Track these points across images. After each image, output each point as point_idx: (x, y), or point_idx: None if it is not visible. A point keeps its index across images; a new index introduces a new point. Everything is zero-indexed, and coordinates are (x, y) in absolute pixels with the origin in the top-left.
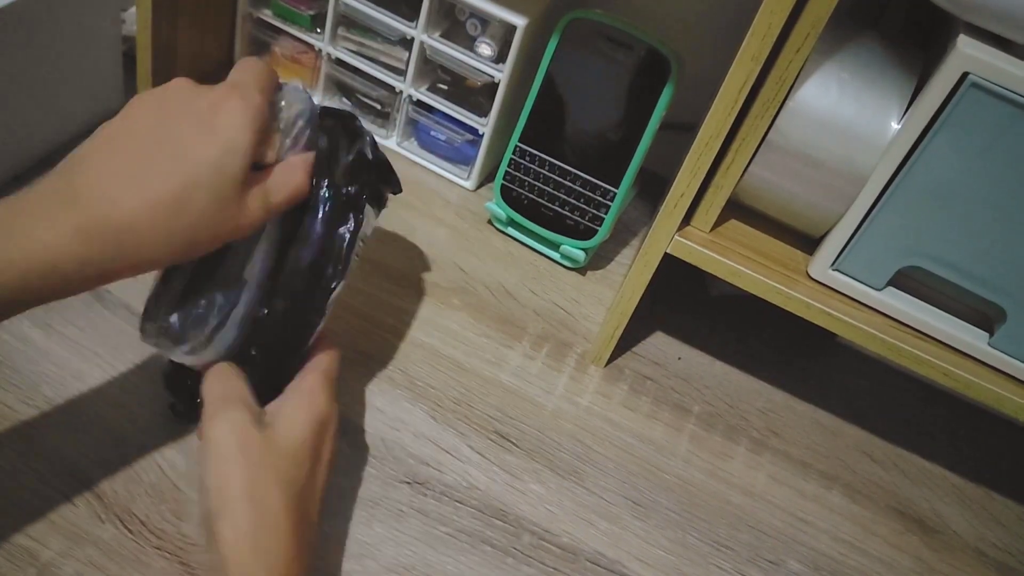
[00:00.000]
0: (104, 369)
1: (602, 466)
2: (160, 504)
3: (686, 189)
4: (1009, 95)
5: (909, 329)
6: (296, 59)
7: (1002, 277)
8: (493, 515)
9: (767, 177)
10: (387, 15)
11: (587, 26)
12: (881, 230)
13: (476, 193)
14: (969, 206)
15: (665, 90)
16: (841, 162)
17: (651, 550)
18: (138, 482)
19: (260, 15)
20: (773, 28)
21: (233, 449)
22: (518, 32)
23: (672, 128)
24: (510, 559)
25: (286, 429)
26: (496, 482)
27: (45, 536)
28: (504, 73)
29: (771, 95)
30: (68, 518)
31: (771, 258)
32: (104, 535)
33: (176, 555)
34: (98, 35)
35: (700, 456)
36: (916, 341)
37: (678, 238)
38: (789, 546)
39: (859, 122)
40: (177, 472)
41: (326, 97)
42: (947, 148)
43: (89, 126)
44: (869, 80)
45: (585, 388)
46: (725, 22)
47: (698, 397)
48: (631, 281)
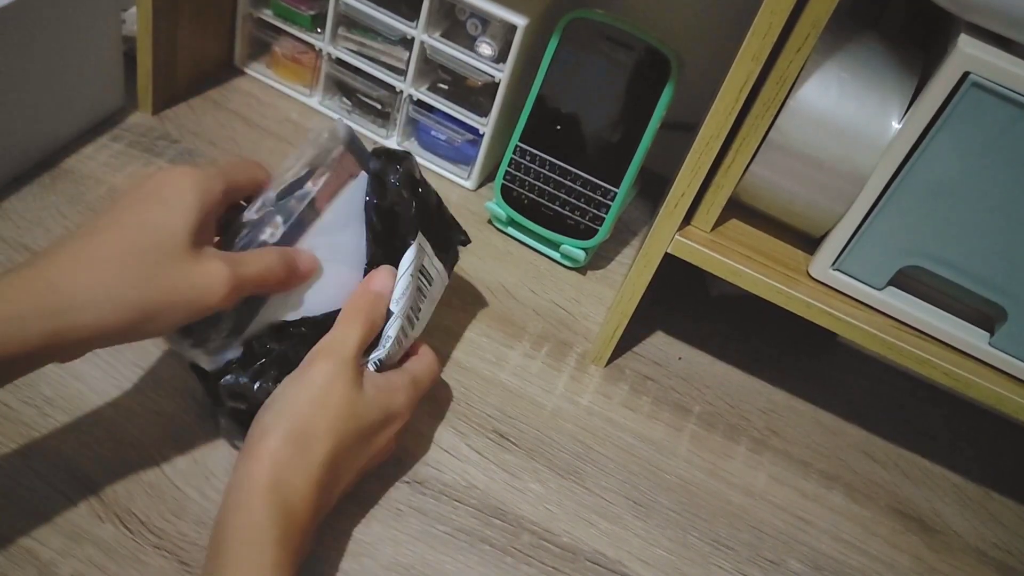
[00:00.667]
0: (103, 369)
1: (602, 466)
2: (159, 503)
3: (687, 189)
4: (1010, 95)
5: (910, 329)
6: (296, 59)
7: (1003, 276)
8: (492, 514)
9: (768, 177)
10: (387, 15)
11: (588, 26)
12: (882, 230)
13: (476, 193)
14: (970, 206)
15: (666, 90)
16: (842, 162)
17: (651, 550)
18: (137, 481)
19: (260, 15)
20: (774, 28)
21: (322, 386)
22: (518, 32)
23: (673, 128)
24: (509, 558)
25: (363, 405)
26: (495, 481)
27: (45, 535)
28: (504, 73)
29: (772, 95)
30: (68, 517)
31: (772, 258)
32: (103, 534)
33: (175, 554)
34: (98, 35)
35: (701, 456)
36: (917, 341)
37: (679, 238)
38: (789, 546)
39: (860, 122)
40: (176, 471)
41: (326, 97)
42: (948, 148)
43: (90, 126)
44: (870, 80)
45: (585, 388)
46: (725, 22)
47: (699, 397)
48: (631, 281)
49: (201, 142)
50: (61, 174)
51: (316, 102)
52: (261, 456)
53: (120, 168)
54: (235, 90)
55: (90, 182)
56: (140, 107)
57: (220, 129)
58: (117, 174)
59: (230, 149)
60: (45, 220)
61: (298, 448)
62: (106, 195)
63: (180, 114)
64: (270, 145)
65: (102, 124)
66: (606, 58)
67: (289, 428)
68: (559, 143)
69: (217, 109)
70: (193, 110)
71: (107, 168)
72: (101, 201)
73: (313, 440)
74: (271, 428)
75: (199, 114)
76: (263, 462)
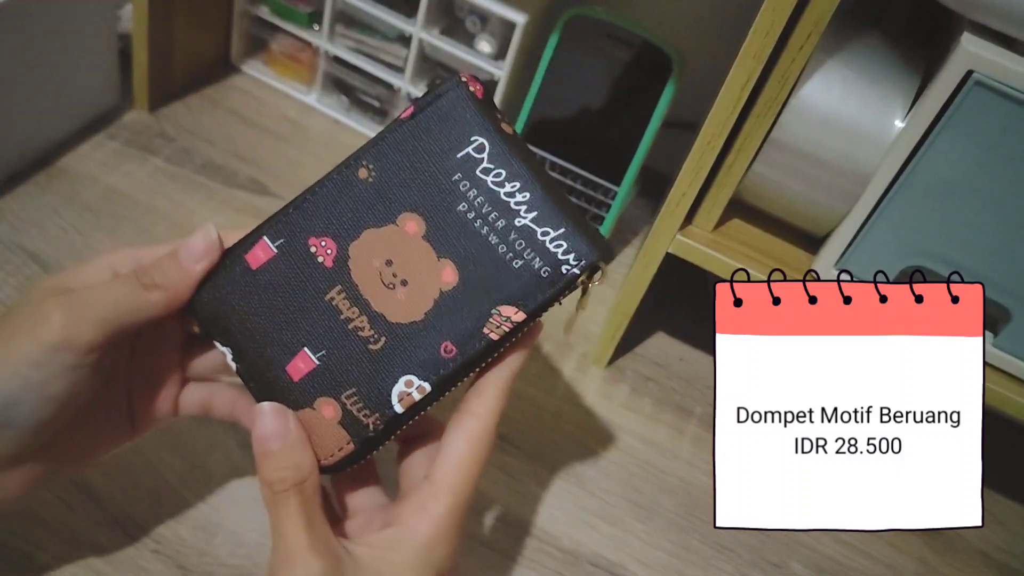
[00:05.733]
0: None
1: (603, 468)
2: (158, 508)
3: (688, 188)
4: (1014, 93)
5: None
6: (294, 57)
7: (1006, 277)
8: (493, 518)
9: (770, 176)
10: (386, 12)
11: (588, 23)
12: (885, 229)
13: None
14: (973, 205)
15: (666, 88)
16: (844, 160)
17: (653, 553)
18: (136, 486)
19: (257, 12)
20: (776, 26)
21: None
22: (518, 29)
23: (674, 126)
24: (511, 562)
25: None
26: (496, 484)
27: (43, 540)
28: (504, 71)
29: (774, 93)
30: (66, 522)
31: (774, 257)
32: (102, 539)
33: (174, 559)
34: (94, 32)
35: (702, 458)
36: None
37: (680, 237)
38: (792, 548)
39: (862, 120)
40: (175, 476)
41: (324, 95)
42: (951, 147)
43: (85, 125)
44: (872, 78)
45: (586, 389)
46: (727, 19)
47: (700, 398)
48: (632, 281)
49: (198, 140)
50: (57, 173)
51: (314, 100)
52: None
53: (116, 167)
54: (232, 88)
55: (86, 181)
56: (136, 105)
57: (217, 127)
58: (113, 173)
59: (227, 147)
60: (41, 219)
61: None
62: (102, 194)
63: (176, 112)
64: (268, 143)
65: (98, 122)
66: (606, 56)
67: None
68: (559, 142)
69: (214, 107)
70: (190, 108)
71: (103, 167)
72: (97, 200)
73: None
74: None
75: (196, 112)
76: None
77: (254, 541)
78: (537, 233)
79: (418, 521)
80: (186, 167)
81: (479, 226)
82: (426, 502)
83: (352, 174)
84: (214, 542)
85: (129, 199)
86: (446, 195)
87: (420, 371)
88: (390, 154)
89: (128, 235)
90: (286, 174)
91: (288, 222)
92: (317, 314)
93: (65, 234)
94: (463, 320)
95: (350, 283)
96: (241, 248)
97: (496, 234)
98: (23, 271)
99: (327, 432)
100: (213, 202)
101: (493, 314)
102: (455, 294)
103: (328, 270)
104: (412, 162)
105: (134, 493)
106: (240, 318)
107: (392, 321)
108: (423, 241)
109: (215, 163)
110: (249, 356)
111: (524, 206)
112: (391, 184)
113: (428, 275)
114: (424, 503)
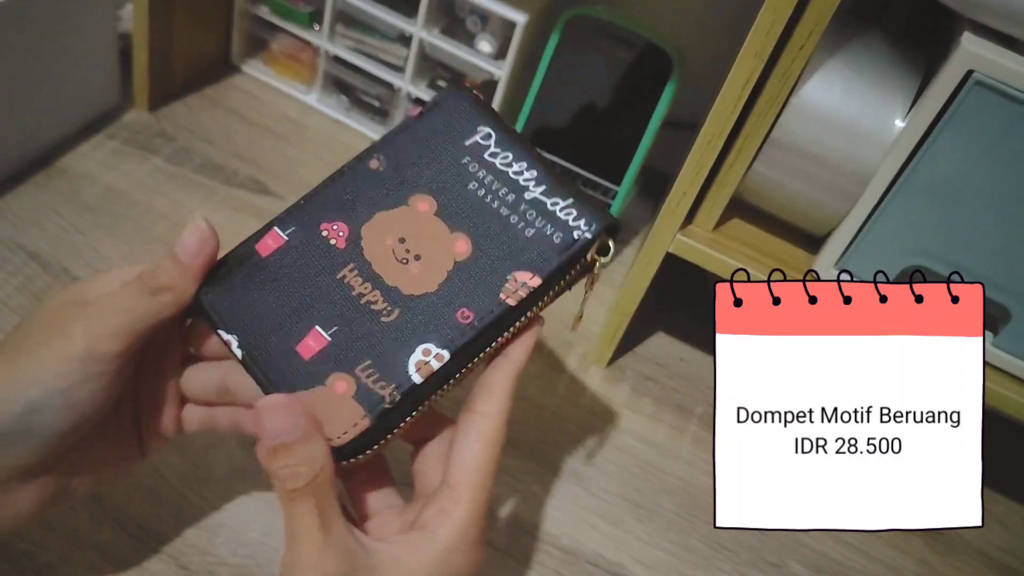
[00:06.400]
0: None
1: (603, 468)
2: (158, 507)
3: (688, 187)
4: (1014, 93)
5: None
6: (294, 56)
7: (1007, 276)
8: (493, 517)
9: (770, 175)
10: (386, 12)
11: (588, 22)
12: (885, 229)
13: None
14: (974, 205)
15: (667, 87)
16: (845, 160)
17: (653, 552)
18: (136, 485)
19: (257, 12)
20: (776, 25)
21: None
22: (518, 29)
23: (674, 126)
24: (511, 561)
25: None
26: (497, 484)
27: (44, 540)
28: (504, 70)
29: (774, 93)
30: (67, 522)
31: (775, 257)
32: (103, 538)
33: (175, 558)
34: (94, 32)
35: (702, 457)
36: None
37: (680, 237)
38: (791, 548)
39: (863, 120)
40: (176, 475)
41: (324, 94)
42: (951, 146)
43: (85, 124)
44: (873, 78)
45: (586, 389)
46: (727, 18)
47: (700, 398)
48: (632, 281)
49: (197, 140)
50: (57, 172)
51: (314, 100)
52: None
53: (116, 166)
54: (232, 87)
55: (86, 180)
56: (136, 105)
57: (217, 127)
58: (113, 172)
59: (227, 147)
60: (41, 219)
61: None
62: (102, 193)
63: (177, 112)
64: (268, 143)
65: (98, 122)
66: (606, 55)
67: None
68: (559, 141)
69: (214, 107)
70: (190, 108)
71: (103, 166)
72: (97, 199)
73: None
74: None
75: (196, 112)
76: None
77: (256, 540)
78: (547, 204)
79: (438, 525)
80: (186, 166)
81: (490, 200)
82: (446, 506)
83: (363, 167)
84: (215, 541)
85: (129, 198)
86: (456, 176)
87: (437, 339)
88: (400, 146)
89: (128, 234)
90: (286, 174)
91: (299, 212)
92: (328, 292)
93: (65, 233)
94: (479, 287)
95: (363, 261)
96: (251, 240)
97: (507, 207)
98: (23, 271)
99: (340, 408)
100: (213, 202)
101: (508, 279)
102: (469, 264)
103: (340, 251)
104: (422, 151)
105: (135, 492)
106: (248, 303)
107: (406, 293)
108: (435, 218)
109: (215, 163)
110: (256, 340)
111: (532, 182)
112: (402, 170)
113: (441, 248)
114: (444, 507)
